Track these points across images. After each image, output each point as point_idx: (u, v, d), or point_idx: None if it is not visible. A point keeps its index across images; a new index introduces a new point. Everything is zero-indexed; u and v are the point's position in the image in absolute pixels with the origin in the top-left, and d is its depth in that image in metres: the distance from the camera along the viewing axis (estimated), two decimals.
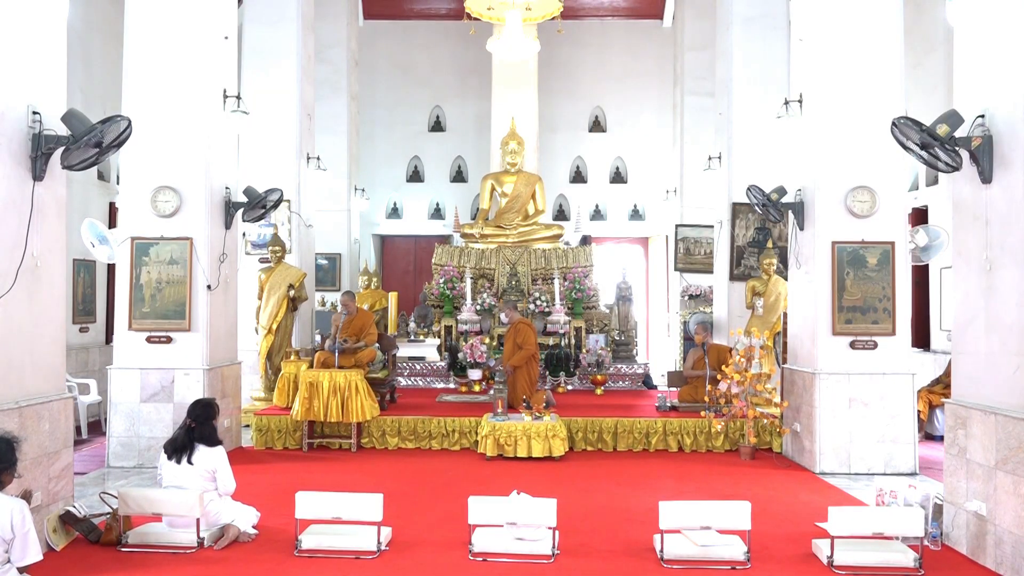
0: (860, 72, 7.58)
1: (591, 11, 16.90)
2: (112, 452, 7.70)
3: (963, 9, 5.43)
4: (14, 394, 4.81)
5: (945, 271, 10.02)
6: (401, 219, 17.20)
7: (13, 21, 4.86)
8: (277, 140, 11.23)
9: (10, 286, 4.75)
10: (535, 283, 12.60)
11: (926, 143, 5.13)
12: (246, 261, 10.70)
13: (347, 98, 14.60)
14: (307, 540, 5.04)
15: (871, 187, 7.51)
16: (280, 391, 8.98)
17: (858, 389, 7.50)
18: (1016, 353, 4.72)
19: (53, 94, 5.20)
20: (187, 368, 7.68)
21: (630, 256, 17.23)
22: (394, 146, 17.14)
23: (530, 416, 8.00)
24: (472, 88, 16.79)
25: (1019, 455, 4.62)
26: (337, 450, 8.36)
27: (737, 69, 11.40)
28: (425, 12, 17.04)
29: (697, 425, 8.37)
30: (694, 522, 4.95)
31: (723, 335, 11.09)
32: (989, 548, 4.87)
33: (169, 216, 7.70)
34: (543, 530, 5.02)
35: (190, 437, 5.35)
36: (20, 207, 4.86)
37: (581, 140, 17.20)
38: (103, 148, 5.20)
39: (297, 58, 11.42)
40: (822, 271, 7.56)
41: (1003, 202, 4.86)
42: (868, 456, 7.48)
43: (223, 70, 8.18)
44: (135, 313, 7.68)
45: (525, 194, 13.70)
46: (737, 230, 11.37)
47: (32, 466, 4.89)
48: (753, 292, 10.60)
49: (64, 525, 5.19)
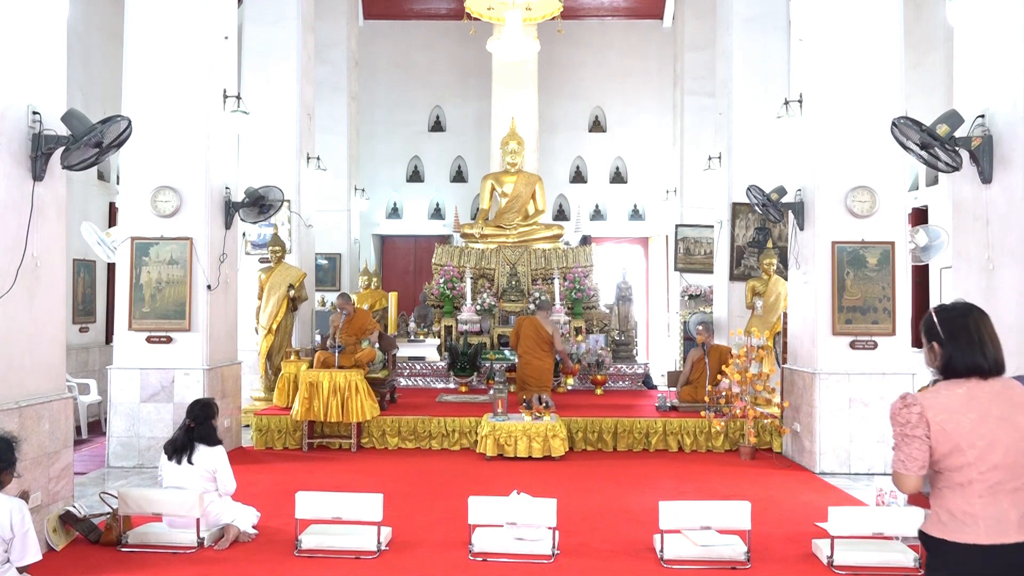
0: (860, 72, 7.58)
1: (591, 11, 16.90)
2: (112, 452, 7.70)
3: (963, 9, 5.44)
4: (14, 394, 4.81)
5: (945, 271, 10.02)
6: (401, 219, 17.21)
7: (13, 21, 4.86)
8: (277, 140, 11.23)
9: (10, 286, 4.75)
10: (535, 283, 12.60)
11: (926, 143, 5.14)
12: (246, 261, 10.70)
13: (347, 98, 14.60)
14: (307, 540, 5.04)
15: (871, 187, 7.51)
16: (280, 391, 8.98)
17: (858, 389, 7.50)
18: (1016, 353, 4.72)
19: (53, 94, 5.20)
20: (187, 368, 7.68)
21: (630, 256, 17.22)
22: (394, 146, 17.14)
23: (530, 416, 8.00)
24: (472, 88, 16.79)
25: None
26: (337, 450, 8.36)
27: (737, 69, 11.40)
28: (425, 12, 17.04)
29: (697, 425, 8.37)
30: (694, 522, 4.95)
31: (723, 335, 11.08)
32: None
33: (169, 216, 7.70)
34: (543, 530, 5.02)
35: (190, 437, 5.34)
36: (20, 207, 4.86)
37: (581, 140, 17.20)
38: (103, 148, 5.20)
39: (297, 58, 11.42)
40: (822, 271, 7.56)
41: (1003, 202, 4.87)
42: (868, 456, 7.48)
43: (223, 70, 8.18)
44: (135, 313, 7.68)
45: (525, 194, 13.70)
46: (737, 230, 11.37)
47: (32, 466, 4.89)
48: (753, 292, 10.60)
49: (64, 525, 5.19)
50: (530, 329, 9.14)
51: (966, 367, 2.57)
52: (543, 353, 9.10)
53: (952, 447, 2.52)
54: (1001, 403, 2.55)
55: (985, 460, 2.51)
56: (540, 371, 9.07)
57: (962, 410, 2.53)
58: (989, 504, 2.53)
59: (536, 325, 9.17)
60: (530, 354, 9.09)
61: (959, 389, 2.57)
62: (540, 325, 9.18)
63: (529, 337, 9.10)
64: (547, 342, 9.14)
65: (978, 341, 2.57)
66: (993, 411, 2.53)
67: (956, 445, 2.51)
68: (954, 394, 2.56)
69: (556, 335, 9.23)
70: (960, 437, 2.51)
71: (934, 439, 2.53)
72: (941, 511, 2.59)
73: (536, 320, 9.27)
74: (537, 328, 9.15)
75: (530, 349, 9.09)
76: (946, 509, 2.58)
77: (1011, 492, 2.52)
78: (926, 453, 2.55)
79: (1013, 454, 2.51)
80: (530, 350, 9.09)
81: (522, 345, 9.13)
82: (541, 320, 9.25)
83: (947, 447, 2.52)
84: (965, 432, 2.51)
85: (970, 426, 2.51)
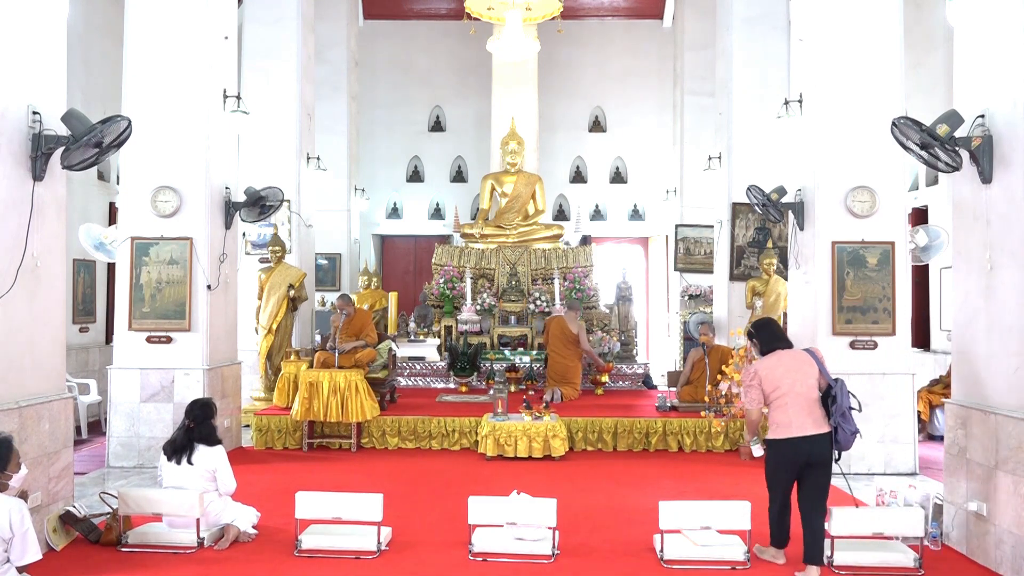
0: (860, 72, 7.58)
1: (591, 11, 16.90)
2: (112, 452, 7.70)
3: (963, 9, 5.43)
4: (14, 394, 4.82)
5: (945, 271, 10.01)
6: (401, 219, 17.20)
7: (13, 21, 4.86)
8: (277, 140, 11.23)
9: (10, 286, 4.75)
10: (535, 283, 12.59)
11: (926, 143, 5.13)
12: (246, 261, 10.70)
13: (347, 98, 14.60)
14: (307, 540, 5.04)
15: (871, 187, 7.51)
16: (280, 391, 8.98)
17: (858, 389, 7.37)
18: (1016, 353, 4.72)
19: (53, 94, 5.20)
20: (187, 368, 7.68)
21: (630, 256, 17.22)
22: (394, 146, 17.14)
23: (530, 416, 8.00)
24: (472, 88, 16.79)
25: (1019, 455, 4.62)
26: (337, 450, 8.36)
27: (737, 69, 11.40)
28: (425, 12, 17.04)
29: (697, 425, 8.37)
30: (694, 522, 4.95)
31: (723, 335, 11.08)
32: (989, 548, 4.87)
33: (169, 216, 7.69)
34: (543, 530, 5.02)
35: (189, 437, 5.34)
36: (20, 207, 4.86)
37: (581, 140, 17.20)
38: (103, 148, 5.20)
39: (297, 58, 11.41)
40: (822, 271, 7.56)
41: (1003, 202, 4.86)
42: (868, 456, 7.48)
43: (223, 70, 8.18)
44: (135, 313, 7.68)
45: (525, 194, 13.70)
46: (737, 230, 11.37)
47: (32, 466, 4.88)
48: (753, 292, 10.60)
49: (64, 525, 5.19)
50: (557, 328, 9.91)
51: (772, 346, 4.83)
52: (568, 351, 9.81)
53: (775, 386, 4.67)
54: (795, 360, 4.74)
55: (791, 391, 4.63)
56: (564, 368, 9.77)
57: (776, 366, 4.72)
58: (794, 415, 4.61)
59: (562, 325, 9.89)
60: (557, 352, 9.86)
61: (773, 358, 4.77)
62: (566, 325, 9.88)
63: (556, 336, 9.86)
64: (572, 341, 9.82)
65: (776, 333, 4.93)
66: (792, 365, 4.71)
67: (776, 384, 4.67)
68: (771, 359, 4.77)
69: (582, 334, 9.96)
70: (777, 380, 4.67)
71: (765, 384, 4.70)
72: (773, 423, 4.69)
73: (562, 320, 9.97)
74: (563, 327, 9.87)
75: (557, 348, 9.85)
76: (775, 422, 4.68)
77: (804, 406, 4.62)
78: (761, 394, 4.73)
79: (800, 386, 4.64)
80: (557, 348, 9.86)
81: (551, 344, 9.93)
82: (568, 320, 9.94)
83: (771, 386, 4.69)
84: (779, 376, 4.67)
85: (781, 373, 4.68)
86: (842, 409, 4.58)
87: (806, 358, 4.72)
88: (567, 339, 9.82)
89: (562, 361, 9.82)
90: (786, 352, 4.78)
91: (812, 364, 4.70)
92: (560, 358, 9.83)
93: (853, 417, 4.63)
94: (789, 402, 4.60)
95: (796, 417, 4.58)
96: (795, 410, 4.59)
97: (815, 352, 4.79)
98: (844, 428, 4.59)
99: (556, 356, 9.86)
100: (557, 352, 9.86)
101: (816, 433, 4.58)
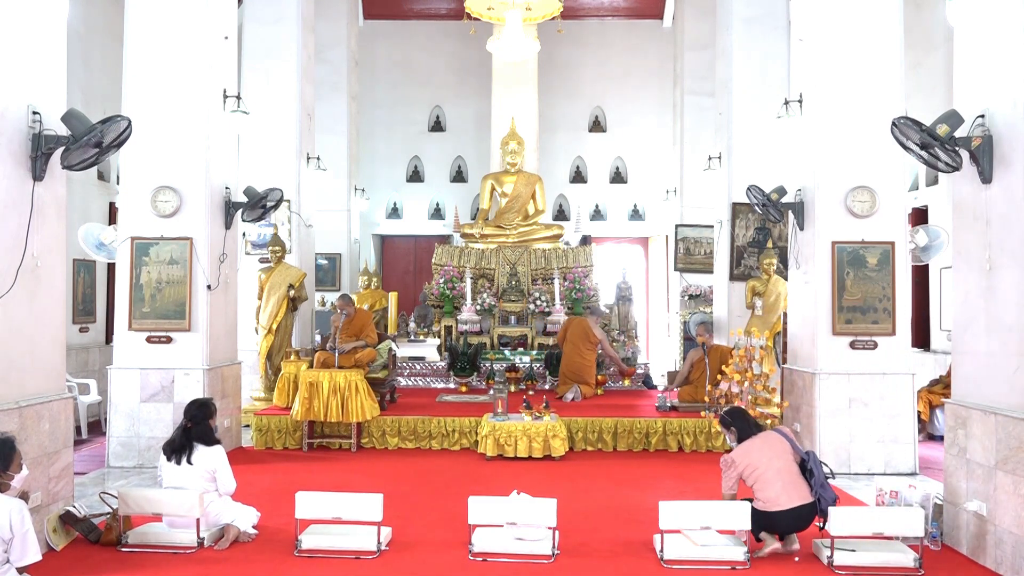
0: (860, 72, 7.58)
1: (591, 11, 16.90)
2: (112, 452, 7.70)
3: (963, 9, 5.43)
4: (14, 394, 4.81)
5: (945, 271, 10.02)
6: (401, 219, 17.21)
7: (13, 21, 4.86)
8: (277, 140, 11.23)
9: (10, 286, 4.75)
10: (535, 283, 12.60)
11: (926, 143, 5.13)
12: (246, 261, 10.70)
13: (347, 98, 14.60)
14: (307, 540, 5.04)
15: (871, 187, 7.51)
16: (280, 391, 8.98)
17: (858, 389, 7.51)
18: (1016, 353, 4.72)
19: (53, 94, 5.20)
20: (187, 368, 7.68)
21: (630, 256, 17.22)
22: (394, 146, 17.14)
23: (530, 416, 8.00)
24: (472, 88, 16.79)
25: (1019, 455, 4.62)
26: (337, 450, 8.36)
27: (737, 69, 11.39)
28: (425, 12, 17.04)
29: (697, 425, 8.37)
30: (694, 522, 4.95)
31: (723, 335, 11.09)
32: (989, 548, 4.87)
33: (169, 216, 7.69)
34: (543, 530, 5.02)
35: (188, 437, 5.34)
36: (20, 207, 4.86)
37: (581, 140, 17.20)
38: (103, 148, 5.20)
39: (297, 58, 11.41)
40: (822, 271, 7.56)
41: (1003, 202, 4.86)
42: (868, 456, 7.48)
43: (223, 70, 8.18)
44: (135, 313, 7.67)
45: (525, 194, 13.70)
46: (737, 230, 11.37)
47: (32, 466, 4.88)
48: (753, 292, 10.60)
49: (64, 525, 5.19)
50: (579, 329, 10.11)
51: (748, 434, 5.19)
52: (586, 352, 10.04)
53: (753, 468, 5.00)
54: (766, 441, 5.11)
55: (769, 466, 4.97)
56: (580, 367, 10.00)
57: (751, 450, 5.07)
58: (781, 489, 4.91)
59: (585, 327, 10.12)
60: (575, 352, 10.03)
61: (747, 443, 5.13)
62: (589, 328, 10.12)
63: (576, 336, 10.06)
64: (593, 344, 10.10)
65: (751, 421, 5.32)
66: (765, 445, 5.08)
67: (755, 466, 5.00)
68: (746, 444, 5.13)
69: (605, 340, 10.36)
70: (755, 461, 5.01)
71: (743, 469, 5.04)
72: (760, 500, 4.97)
73: (586, 323, 10.22)
74: (586, 330, 10.09)
75: (575, 347, 10.03)
76: (761, 498, 4.96)
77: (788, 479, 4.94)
78: (737, 477, 5.08)
79: (778, 461, 4.98)
80: (575, 348, 10.03)
81: (568, 343, 10.09)
82: (591, 324, 10.22)
83: (750, 469, 5.01)
84: (755, 458, 5.02)
85: (756, 456, 5.03)
86: (820, 480, 4.96)
87: (777, 437, 5.14)
88: (587, 341, 10.04)
89: (579, 360, 10.00)
90: (758, 436, 5.16)
91: (783, 441, 5.10)
92: (578, 357, 10.00)
93: (830, 485, 5.02)
94: (771, 477, 4.93)
95: (783, 491, 4.90)
96: (780, 484, 4.91)
97: (784, 431, 5.21)
98: (826, 498, 4.92)
99: (574, 355, 10.01)
100: (575, 351, 10.01)
101: (801, 504, 4.91)
